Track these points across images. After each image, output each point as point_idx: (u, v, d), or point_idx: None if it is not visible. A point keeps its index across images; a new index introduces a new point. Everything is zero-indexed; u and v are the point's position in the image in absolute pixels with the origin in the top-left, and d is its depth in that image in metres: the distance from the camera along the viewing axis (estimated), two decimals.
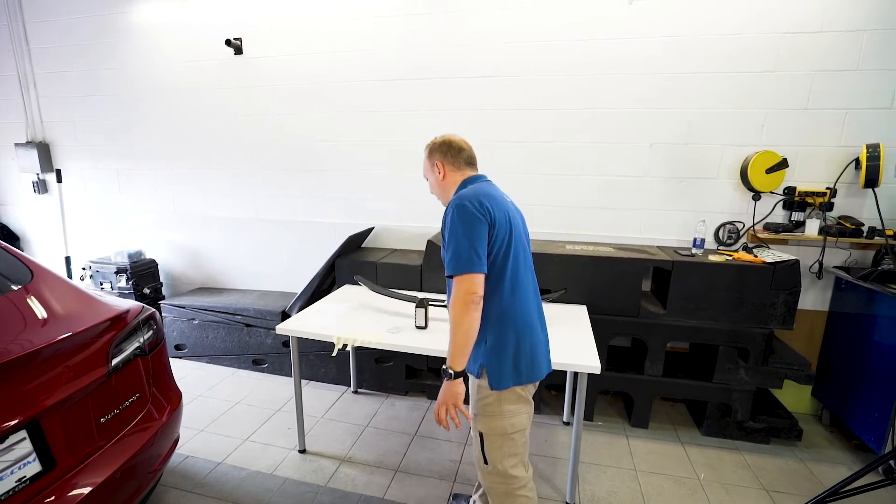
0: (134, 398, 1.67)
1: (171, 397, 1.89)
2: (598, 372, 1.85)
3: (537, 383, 1.58)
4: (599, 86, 2.84)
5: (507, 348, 1.48)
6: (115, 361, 1.58)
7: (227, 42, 3.24)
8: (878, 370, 2.33)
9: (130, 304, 1.81)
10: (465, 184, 1.57)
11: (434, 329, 2.21)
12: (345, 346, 2.11)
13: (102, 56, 3.59)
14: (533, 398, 1.59)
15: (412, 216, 3.33)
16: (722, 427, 2.61)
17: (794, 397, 2.84)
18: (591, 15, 2.76)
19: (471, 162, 1.62)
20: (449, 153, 1.59)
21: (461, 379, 1.44)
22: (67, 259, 3.93)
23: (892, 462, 2.17)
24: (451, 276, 1.40)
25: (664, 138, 2.81)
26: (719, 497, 2.16)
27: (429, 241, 2.83)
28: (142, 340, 1.75)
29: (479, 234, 1.37)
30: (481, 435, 1.56)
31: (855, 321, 2.56)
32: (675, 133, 2.79)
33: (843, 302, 2.68)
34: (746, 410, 2.55)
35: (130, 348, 1.69)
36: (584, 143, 2.93)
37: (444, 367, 1.44)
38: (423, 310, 2.17)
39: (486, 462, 1.57)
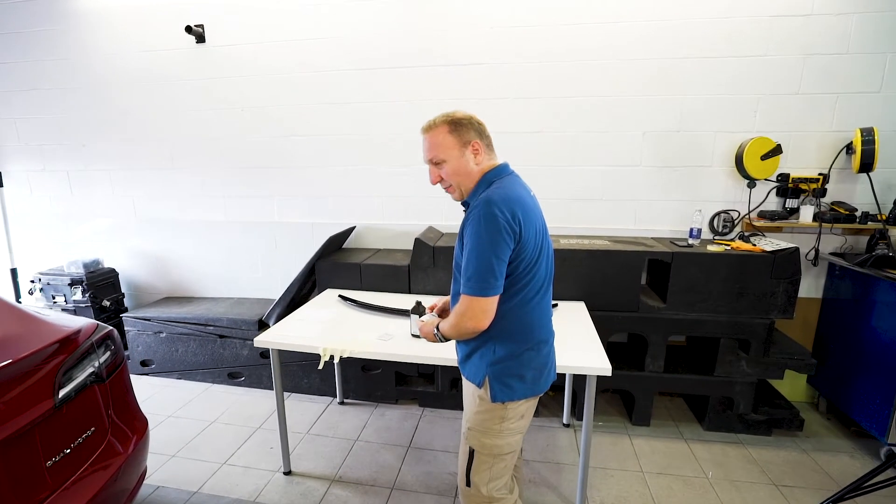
0: (90, 432, 1.44)
1: (135, 426, 1.67)
2: (609, 374, 1.74)
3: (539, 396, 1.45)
4: (589, 72, 2.72)
5: (518, 360, 1.35)
6: (64, 392, 1.35)
7: (188, 29, 2.96)
8: (879, 357, 2.30)
9: (82, 322, 1.58)
10: (493, 174, 1.36)
11: None
12: (332, 357, 1.92)
13: (46, 46, 3.23)
14: None
15: (396, 214, 3.14)
16: (724, 421, 2.55)
17: (790, 386, 2.82)
18: None
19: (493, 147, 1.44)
20: (484, 133, 1.39)
21: None
22: (13, 271, 3.56)
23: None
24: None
25: (657, 126, 2.72)
26: (730, 496, 2.09)
27: (417, 240, 2.66)
28: (97, 364, 1.52)
29: (502, 251, 1.23)
30: (471, 452, 1.41)
31: (851, 308, 2.54)
32: (668, 121, 2.71)
33: (838, 289, 2.66)
34: (748, 403, 2.49)
35: (83, 375, 1.46)
36: (575, 133, 2.81)
37: (437, 330, 1.42)
38: (418, 316, 1.99)
39: (468, 484, 1.43)
